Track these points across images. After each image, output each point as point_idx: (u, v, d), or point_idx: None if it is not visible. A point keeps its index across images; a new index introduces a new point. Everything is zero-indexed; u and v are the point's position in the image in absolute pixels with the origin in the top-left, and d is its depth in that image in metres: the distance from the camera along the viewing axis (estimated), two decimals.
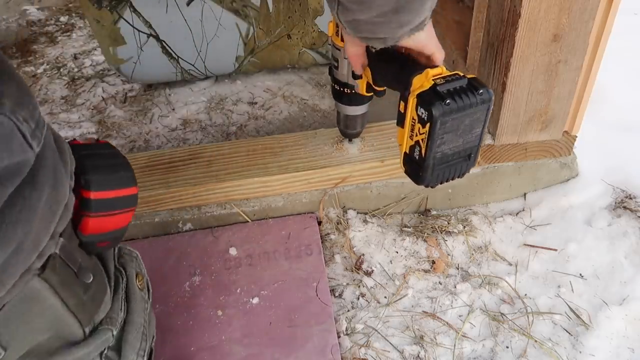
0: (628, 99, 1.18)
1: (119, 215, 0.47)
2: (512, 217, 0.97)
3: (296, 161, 0.92)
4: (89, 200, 0.44)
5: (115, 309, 0.50)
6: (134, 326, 0.52)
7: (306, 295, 0.83)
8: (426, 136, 0.62)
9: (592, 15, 0.77)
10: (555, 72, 0.83)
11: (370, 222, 0.95)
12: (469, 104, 0.61)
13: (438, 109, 0.59)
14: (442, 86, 0.61)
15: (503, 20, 0.79)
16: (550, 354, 0.77)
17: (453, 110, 0.60)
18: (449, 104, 0.60)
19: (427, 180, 0.66)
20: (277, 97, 1.30)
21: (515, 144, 0.93)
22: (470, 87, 0.62)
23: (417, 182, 0.67)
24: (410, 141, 0.66)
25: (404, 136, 0.66)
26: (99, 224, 0.46)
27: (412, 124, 0.64)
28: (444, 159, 0.65)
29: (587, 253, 0.90)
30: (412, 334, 0.80)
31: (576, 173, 1.00)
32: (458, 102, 0.60)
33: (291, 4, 1.20)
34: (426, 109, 0.60)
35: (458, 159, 0.67)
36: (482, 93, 0.61)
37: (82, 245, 0.46)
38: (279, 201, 0.94)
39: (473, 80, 0.63)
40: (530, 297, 0.85)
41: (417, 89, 0.62)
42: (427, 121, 0.61)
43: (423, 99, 0.61)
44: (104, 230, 0.46)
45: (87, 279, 0.45)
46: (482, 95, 0.61)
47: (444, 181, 0.68)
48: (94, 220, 0.45)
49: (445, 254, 0.92)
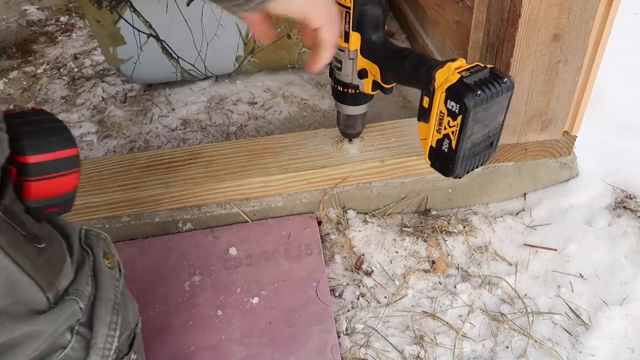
0: (628, 99, 1.18)
1: (62, 178, 0.47)
2: (512, 217, 0.97)
3: (296, 161, 0.92)
4: (27, 165, 0.44)
5: (80, 282, 0.50)
6: (103, 301, 0.53)
7: (306, 295, 0.83)
8: (457, 128, 0.63)
9: (592, 15, 0.77)
10: (555, 72, 0.83)
11: (370, 222, 0.95)
12: (496, 93, 0.64)
13: (470, 101, 0.61)
14: (469, 78, 0.63)
15: (503, 20, 0.80)
16: (550, 354, 0.77)
17: (483, 100, 0.62)
18: (479, 95, 0.61)
19: (457, 171, 0.68)
20: (277, 97, 1.30)
21: (515, 144, 0.93)
22: (494, 76, 0.64)
23: (446, 174, 0.69)
24: (437, 135, 0.67)
25: (430, 130, 0.68)
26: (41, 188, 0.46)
27: (439, 118, 0.65)
28: (472, 149, 0.67)
29: (587, 253, 0.90)
30: (412, 334, 0.80)
31: (576, 173, 1.00)
32: (487, 92, 0.62)
33: None
34: (458, 102, 0.61)
35: (483, 147, 0.69)
36: (505, 81, 0.63)
37: (30, 211, 0.46)
38: (279, 201, 0.94)
39: (494, 70, 0.64)
40: (530, 297, 0.85)
41: (443, 83, 0.63)
42: (459, 114, 0.62)
43: (453, 92, 0.62)
44: (48, 195, 0.46)
45: (39, 243, 0.46)
46: (506, 84, 0.63)
47: (470, 170, 0.70)
48: (35, 185, 0.45)
49: (445, 254, 0.92)
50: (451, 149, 0.66)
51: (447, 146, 0.66)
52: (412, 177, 0.95)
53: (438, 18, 1.21)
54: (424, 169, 0.94)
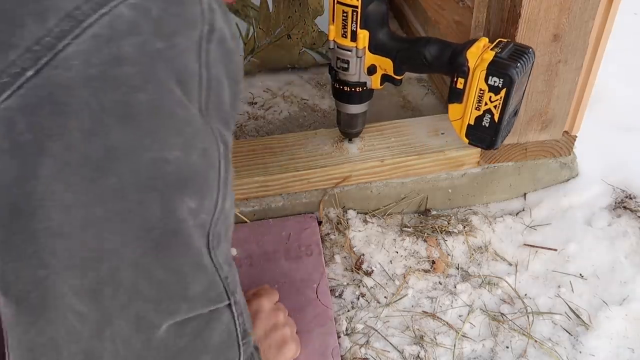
0: (628, 99, 1.18)
1: None
2: (512, 217, 0.97)
3: (296, 161, 0.92)
4: None
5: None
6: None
7: (306, 296, 0.83)
8: (500, 102, 0.68)
9: (592, 15, 0.77)
10: (555, 72, 0.83)
11: (370, 222, 0.95)
12: (528, 63, 0.68)
13: (514, 74, 0.65)
14: (503, 53, 0.68)
15: (503, 20, 0.79)
16: (550, 354, 0.77)
17: (521, 71, 0.66)
18: (518, 67, 0.66)
19: (499, 142, 0.74)
20: (277, 97, 1.30)
21: (515, 144, 0.93)
22: (520, 47, 0.69)
23: (489, 147, 0.74)
24: (476, 112, 0.72)
25: (467, 109, 0.73)
26: None
27: (479, 96, 0.69)
28: (508, 120, 0.72)
29: (587, 253, 0.90)
30: (412, 334, 0.80)
31: (576, 173, 1.00)
32: (523, 63, 0.67)
33: (291, 4, 1.20)
34: (501, 77, 0.66)
35: (512, 116, 0.75)
36: (530, 50, 0.69)
37: None
38: (279, 201, 0.94)
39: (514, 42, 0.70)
40: (530, 297, 0.85)
41: (480, 62, 0.68)
42: (503, 87, 0.66)
43: (495, 68, 0.66)
44: None
45: None
46: (531, 53, 0.68)
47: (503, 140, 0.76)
48: None
49: (445, 254, 0.92)
50: (493, 122, 0.70)
51: (488, 120, 0.70)
52: (412, 177, 0.95)
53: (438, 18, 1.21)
54: (424, 169, 0.94)
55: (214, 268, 0.45)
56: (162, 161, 0.37)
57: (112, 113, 0.34)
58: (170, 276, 0.41)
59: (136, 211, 0.37)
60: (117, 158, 0.35)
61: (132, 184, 0.36)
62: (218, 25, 0.39)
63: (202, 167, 0.41)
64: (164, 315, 0.41)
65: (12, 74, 0.31)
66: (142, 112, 0.35)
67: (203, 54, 0.39)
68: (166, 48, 0.35)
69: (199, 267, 0.43)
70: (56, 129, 0.33)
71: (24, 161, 0.33)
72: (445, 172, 0.95)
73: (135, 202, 0.37)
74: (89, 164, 0.34)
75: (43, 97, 0.32)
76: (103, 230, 0.36)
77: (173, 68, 0.36)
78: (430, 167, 0.94)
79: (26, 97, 0.32)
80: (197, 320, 0.44)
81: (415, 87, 1.27)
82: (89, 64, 0.32)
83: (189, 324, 0.44)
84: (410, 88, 1.27)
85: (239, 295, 0.50)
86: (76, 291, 0.37)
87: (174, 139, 0.37)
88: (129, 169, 0.36)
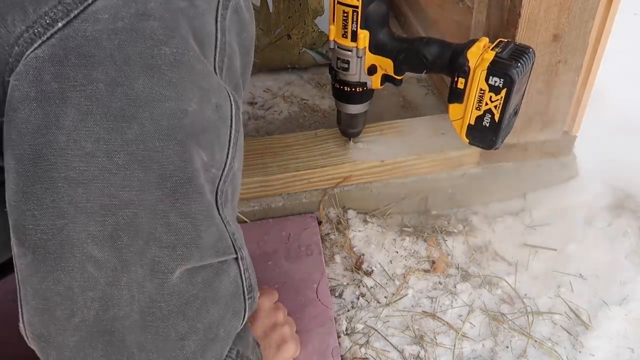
0: (628, 99, 1.18)
1: None
2: (512, 217, 0.97)
3: (296, 161, 0.92)
4: None
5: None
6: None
7: (306, 297, 0.83)
8: (501, 102, 0.67)
9: (592, 15, 0.77)
10: (555, 72, 0.83)
11: (370, 222, 0.95)
12: (528, 63, 0.68)
13: (514, 74, 0.65)
14: (503, 53, 0.68)
15: (503, 20, 0.80)
16: (550, 354, 0.77)
17: (522, 71, 0.66)
18: (519, 67, 0.66)
19: (500, 142, 0.73)
20: (277, 97, 1.30)
21: (515, 144, 0.93)
22: (520, 47, 0.69)
23: (490, 148, 0.74)
24: (477, 112, 0.72)
25: (467, 109, 0.72)
26: None
27: (479, 96, 0.69)
28: (509, 119, 0.72)
29: (587, 253, 0.90)
30: (412, 334, 0.80)
31: (576, 173, 1.00)
32: (523, 63, 0.67)
33: (291, 4, 1.20)
34: (502, 77, 0.66)
35: (512, 116, 0.74)
36: (531, 51, 0.68)
37: None
38: (279, 201, 0.94)
39: (515, 42, 0.70)
40: (530, 297, 0.85)
41: (480, 62, 0.68)
42: (503, 87, 0.66)
43: (496, 68, 0.66)
44: None
45: None
46: (532, 53, 0.68)
47: (504, 140, 0.75)
48: None
49: (445, 254, 0.92)
50: (494, 122, 0.70)
51: (489, 120, 0.70)
52: (412, 177, 0.95)
53: (438, 18, 1.21)
54: (424, 169, 0.94)
55: (222, 222, 0.46)
56: (181, 112, 0.38)
57: (136, 64, 0.35)
58: (186, 223, 0.42)
59: (155, 158, 0.38)
60: (139, 107, 0.36)
61: (153, 132, 0.37)
62: None
63: (215, 122, 0.42)
64: (178, 261, 0.42)
65: (44, 25, 0.33)
66: (165, 64, 0.37)
67: (220, 18, 0.41)
68: (188, 7, 0.38)
69: (211, 217, 0.45)
70: (80, 80, 0.34)
71: (48, 110, 0.34)
72: (445, 172, 0.95)
73: (155, 150, 0.38)
74: (112, 113, 0.36)
75: (71, 48, 0.33)
76: (123, 177, 0.37)
77: (193, 26, 0.38)
78: (430, 167, 0.94)
79: (55, 47, 0.33)
80: (207, 270, 0.46)
81: (415, 87, 1.27)
82: (117, 18, 0.34)
83: (199, 272, 0.45)
84: (410, 88, 1.27)
85: (245, 252, 0.52)
86: (94, 238, 0.38)
87: (192, 92, 0.39)
88: (151, 117, 0.37)
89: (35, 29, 0.33)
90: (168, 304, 0.43)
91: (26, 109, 0.34)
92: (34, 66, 0.33)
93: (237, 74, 0.46)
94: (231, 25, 0.42)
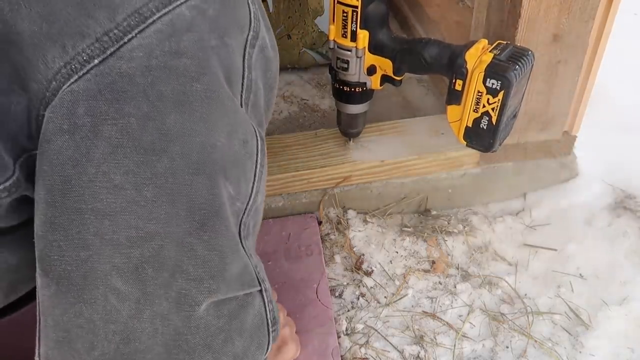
0: (628, 99, 1.18)
1: None
2: (512, 217, 0.97)
3: (296, 161, 0.92)
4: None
5: None
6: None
7: (306, 297, 0.83)
8: (498, 104, 0.67)
9: (592, 15, 0.77)
10: (555, 72, 0.83)
11: (370, 222, 0.95)
12: (526, 66, 0.67)
13: (512, 77, 0.65)
14: (501, 55, 0.67)
15: (503, 20, 0.80)
16: (550, 354, 0.77)
17: (519, 74, 0.65)
18: (517, 70, 0.65)
19: (497, 145, 0.73)
20: (277, 97, 1.30)
21: (515, 144, 0.93)
22: (519, 50, 0.68)
23: (487, 150, 0.73)
24: (474, 114, 0.71)
25: (465, 111, 0.72)
26: None
27: (477, 98, 0.68)
28: (506, 122, 0.71)
29: (587, 253, 0.90)
30: (412, 334, 0.80)
31: (576, 173, 1.00)
32: (521, 66, 0.67)
33: (291, 4, 1.20)
34: (499, 79, 0.65)
35: (511, 119, 0.73)
36: (530, 53, 0.68)
37: None
38: (279, 201, 0.94)
39: (514, 45, 0.69)
40: (530, 297, 0.85)
41: (478, 64, 0.67)
42: (501, 90, 0.66)
43: (493, 70, 0.66)
44: None
45: None
46: (530, 56, 0.67)
47: (502, 143, 0.75)
48: None
49: (445, 254, 0.92)
50: (491, 124, 0.69)
51: (486, 123, 0.70)
52: (412, 177, 0.95)
53: (438, 18, 1.21)
54: (424, 169, 0.94)
55: (246, 255, 0.47)
56: (211, 146, 0.39)
57: (169, 100, 0.36)
58: (213, 255, 0.42)
59: (184, 192, 0.39)
60: (170, 141, 0.37)
61: (183, 166, 0.38)
62: (261, 34, 0.43)
63: (242, 156, 0.44)
64: (205, 293, 0.42)
65: (81, 61, 0.34)
66: (197, 99, 0.38)
67: (247, 56, 0.42)
68: (219, 46, 0.39)
69: (237, 250, 0.45)
70: (112, 114, 0.35)
71: (80, 143, 0.35)
72: (445, 172, 0.95)
73: (185, 183, 0.39)
74: (142, 147, 0.36)
75: (105, 84, 0.34)
76: (151, 210, 0.38)
77: (223, 64, 0.39)
78: (430, 167, 0.94)
79: (90, 82, 0.34)
80: (233, 302, 0.46)
81: (415, 87, 1.27)
82: (151, 56, 0.35)
83: (226, 305, 0.45)
84: (410, 88, 1.27)
85: (268, 284, 0.52)
86: (119, 270, 0.38)
87: (221, 127, 0.40)
88: (181, 151, 0.38)
89: (73, 65, 0.34)
90: (194, 336, 0.43)
91: (58, 140, 0.35)
92: (69, 100, 0.34)
93: (261, 110, 0.47)
94: (257, 63, 0.44)
